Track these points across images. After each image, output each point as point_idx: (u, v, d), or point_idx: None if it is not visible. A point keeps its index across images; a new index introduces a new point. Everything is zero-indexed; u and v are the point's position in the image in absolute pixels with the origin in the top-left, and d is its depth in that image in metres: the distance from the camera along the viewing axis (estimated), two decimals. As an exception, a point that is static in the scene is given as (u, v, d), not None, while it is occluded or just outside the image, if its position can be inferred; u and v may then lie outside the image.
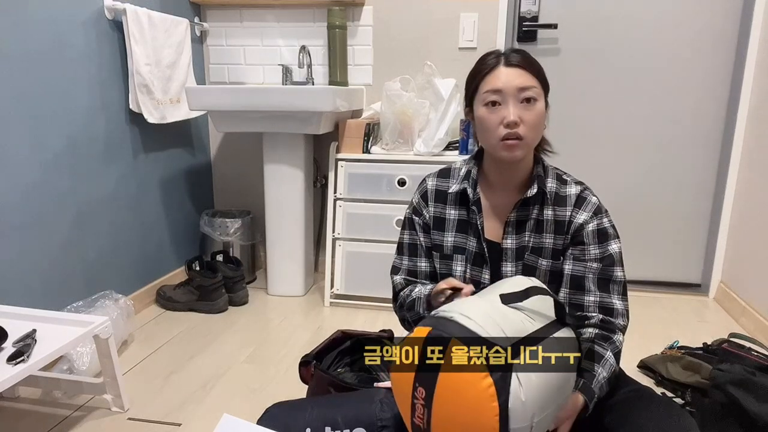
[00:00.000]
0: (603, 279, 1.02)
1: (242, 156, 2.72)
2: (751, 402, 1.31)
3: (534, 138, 1.01)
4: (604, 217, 1.04)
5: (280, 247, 2.39)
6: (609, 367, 0.96)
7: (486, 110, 1.01)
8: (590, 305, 1.02)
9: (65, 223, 1.84)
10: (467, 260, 1.10)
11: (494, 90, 0.99)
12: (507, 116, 0.98)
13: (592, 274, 1.02)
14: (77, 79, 1.86)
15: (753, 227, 2.16)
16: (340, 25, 2.37)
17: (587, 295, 1.03)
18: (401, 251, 1.18)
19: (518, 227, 1.07)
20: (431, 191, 1.14)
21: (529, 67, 1.00)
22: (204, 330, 2.09)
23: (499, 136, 0.99)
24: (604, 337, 1.00)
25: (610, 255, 1.02)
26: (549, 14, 2.36)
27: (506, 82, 0.98)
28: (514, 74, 0.99)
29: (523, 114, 0.98)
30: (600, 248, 1.03)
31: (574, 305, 1.03)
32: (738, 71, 2.26)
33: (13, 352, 1.28)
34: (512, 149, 1.00)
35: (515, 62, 1.00)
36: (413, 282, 1.16)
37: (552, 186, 1.06)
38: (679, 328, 2.12)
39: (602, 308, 1.02)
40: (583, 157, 2.46)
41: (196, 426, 1.49)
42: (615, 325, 1.01)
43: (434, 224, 1.13)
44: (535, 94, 0.99)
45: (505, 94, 0.98)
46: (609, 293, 1.02)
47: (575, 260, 1.04)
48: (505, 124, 0.98)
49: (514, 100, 0.98)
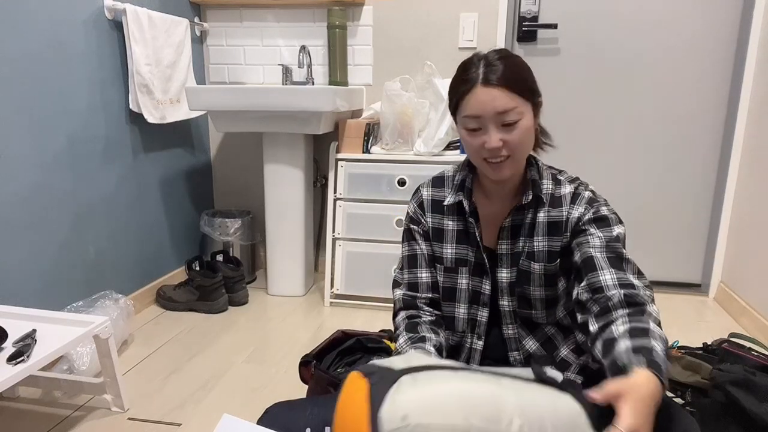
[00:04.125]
0: (614, 257, 0.95)
1: (242, 156, 2.72)
2: (751, 402, 1.31)
3: (521, 152, 0.99)
4: (600, 206, 1.02)
5: (280, 247, 2.39)
6: (661, 339, 0.82)
7: (467, 134, 0.99)
8: (609, 284, 0.93)
9: (65, 223, 1.84)
10: (470, 271, 1.09)
11: (472, 116, 0.96)
12: (489, 142, 0.95)
13: (600, 252, 0.96)
14: (77, 79, 1.86)
15: (753, 227, 2.16)
16: (340, 25, 2.37)
17: (602, 273, 0.94)
18: (401, 265, 1.16)
19: (513, 232, 1.06)
20: (427, 201, 1.12)
21: (509, 83, 0.94)
22: (204, 330, 2.09)
23: (482, 157, 0.98)
24: (639, 312, 0.87)
25: (616, 236, 0.98)
26: (549, 14, 2.37)
27: (484, 106, 0.94)
28: (492, 96, 0.93)
29: (506, 137, 0.95)
30: (604, 231, 0.99)
31: (594, 289, 0.95)
32: (738, 71, 2.26)
33: (13, 352, 1.28)
34: (498, 170, 0.98)
35: (494, 81, 0.93)
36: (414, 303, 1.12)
37: (548, 188, 1.05)
38: (679, 328, 2.12)
39: (622, 284, 0.92)
40: (582, 157, 2.46)
41: (196, 426, 1.49)
42: (642, 297, 0.89)
43: (434, 235, 1.12)
44: (517, 116, 0.94)
45: (485, 119, 0.95)
46: (624, 271, 0.94)
47: (580, 246, 1.00)
48: (487, 150, 0.96)
49: (494, 123, 0.95)
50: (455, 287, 1.11)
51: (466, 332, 1.12)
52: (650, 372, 0.74)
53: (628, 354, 0.79)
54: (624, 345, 0.81)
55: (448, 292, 1.12)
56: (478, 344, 1.11)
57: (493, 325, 1.11)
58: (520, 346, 1.09)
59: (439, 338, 1.07)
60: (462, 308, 1.11)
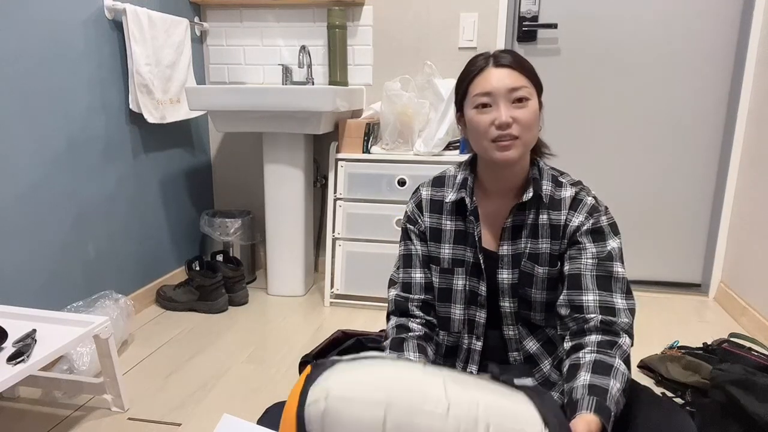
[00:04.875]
0: (603, 276, 0.98)
1: (242, 156, 2.72)
2: (751, 402, 1.31)
3: (529, 137, 0.99)
4: (601, 216, 1.02)
5: (280, 247, 2.39)
6: (621, 377, 0.88)
7: (476, 112, 0.99)
8: (590, 305, 0.97)
9: (65, 223, 1.84)
10: (466, 272, 1.09)
11: (484, 92, 0.97)
12: (499, 117, 0.96)
13: (589, 271, 0.99)
14: (77, 79, 1.86)
15: (753, 227, 2.16)
16: (340, 25, 2.38)
17: (586, 294, 0.98)
18: (397, 264, 1.16)
19: (514, 233, 1.05)
20: (426, 201, 1.12)
21: (519, 67, 0.98)
22: (204, 330, 2.09)
23: (491, 137, 0.98)
24: (609, 343, 0.93)
25: (609, 252, 0.99)
26: (549, 14, 2.37)
27: (496, 83, 0.97)
28: (504, 74, 0.97)
29: (516, 114, 0.97)
30: (597, 246, 1.00)
31: (574, 308, 0.99)
32: (738, 71, 2.26)
33: (13, 352, 1.28)
34: (506, 149, 0.97)
35: (505, 63, 0.98)
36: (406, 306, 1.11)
37: (548, 189, 1.04)
38: (679, 328, 2.12)
39: (603, 308, 0.96)
40: (582, 157, 2.46)
41: (196, 426, 1.49)
42: (618, 326, 0.94)
43: (431, 235, 1.11)
44: (527, 93, 0.97)
45: (496, 95, 0.97)
46: (610, 291, 0.98)
47: (572, 260, 1.01)
48: (497, 125, 0.96)
49: (505, 101, 0.96)
50: (451, 288, 1.10)
51: (462, 333, 1.11)
52: (594, 417, 0.81)
53: (584, 390, 0.86)
54: (583, 379, 0.88)
55: (443, 293, 1.11)
56: (476, 345, 1.10)
57: (492, 325, 1.11)
58: (520, 347, 1.09)
59: (426, 356, 1.06)
60: (458, 309, 1.10)
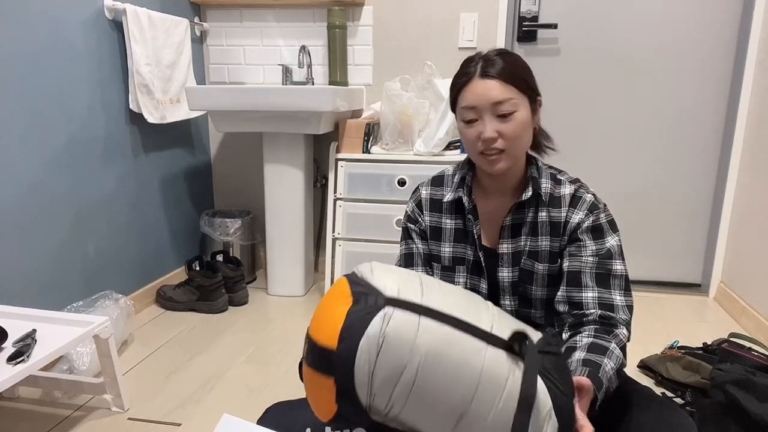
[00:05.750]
0: (602, 274, 0.99)
1: (242, 156, 2.72)
2: (751, 402, 1.31)
3: (517, 148, 0.99)
4: (600, 213, 1.02)
5: (280, 247, 2.39)
6: (615, 359, 0.89)
7: (464, 126, 1.00)
8: (589, 302, 0.98)
9: (65, 223, 1.84)
10: (467, 270, 1.09)
11: (470, 107, 0.98)
12: (483, 132, 0.97)
13: (589, 269, 1.00)
14: (77, 79, 1.86)
15: (753, 227, 2.16)
16: (340, 25, 2.38)
17: (585, 291, 0.99)
18: (399, 263, 1.16)
19: (514, 231, 1.06)
20: (426, 200, 1.13)
21: (507, 76, 0.96)
22: (204, 330, 2.09)
23: (478, 150, 0.99)
24: (606, 331, 0.95)
25: (608, 249, 1.00)
26: (549, 14, 2.37)
27: (480, 97, 0.96)
28: (489, 87, 0.96)
29: (501, 127, 0.96)
30: (597, 244, 1.01)
31: (573, 304, 1.00)
32: (738, 71, 2.26)
33: (13, 352, 1.28)
34: (493, 163, 0.99)
35: (492, 73, 0.96)
36: None
37: (546, 187, 1.05)
38: (679, 328, 2.12)
39: (602, 305, 0.98)
40: (582, 156, 2.46)
41: (196, 426, 1.49)
42: (616, 320, 0.96)
43: (431, 234, 1.12)
44: (512, 107, 0.96)
45: (480, 109, 0.97)
46: (609, 288, 0.99)
47: (571, 257, 1.02)
48: (483, 140, 0.97)
49: (490, 115, 0.96)
50: None
51: None
52: (586, 379, 0.81)
53: (578, 364, 0.87)
54: (578, 355, 0.89)
55: None
56: None
57: None
58: None
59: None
60: None
